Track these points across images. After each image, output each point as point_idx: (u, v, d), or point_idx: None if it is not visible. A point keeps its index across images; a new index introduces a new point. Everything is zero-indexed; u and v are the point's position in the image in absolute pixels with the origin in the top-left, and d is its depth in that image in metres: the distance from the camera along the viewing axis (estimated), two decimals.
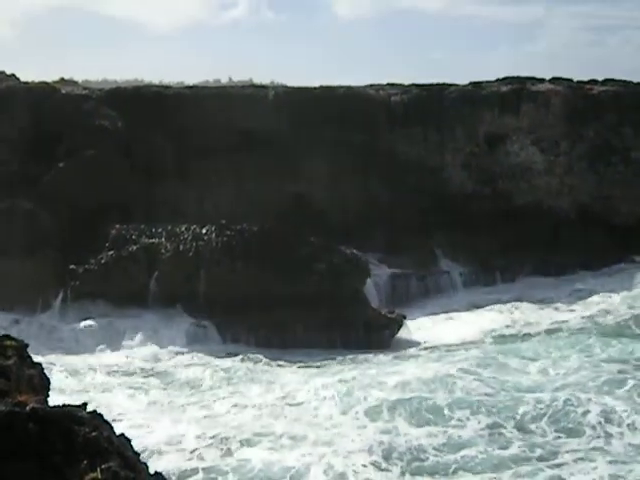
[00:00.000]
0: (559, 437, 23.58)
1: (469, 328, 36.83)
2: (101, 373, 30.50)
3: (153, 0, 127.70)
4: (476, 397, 26.20)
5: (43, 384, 10.64)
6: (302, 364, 32.07)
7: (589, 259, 45.93)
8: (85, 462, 7.97)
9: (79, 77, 51.43)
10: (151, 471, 9.17)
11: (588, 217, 48.06)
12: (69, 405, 9.34)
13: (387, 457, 22.07)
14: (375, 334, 35.53)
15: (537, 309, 39.75)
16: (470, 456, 22.16)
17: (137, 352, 33.08)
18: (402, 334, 35.97)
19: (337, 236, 40.76)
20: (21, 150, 42.18)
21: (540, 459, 22.13)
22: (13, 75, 47.72)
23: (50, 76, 49.92)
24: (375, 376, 28.82)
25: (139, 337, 34.01)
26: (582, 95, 50.66)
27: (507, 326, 37.49)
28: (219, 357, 32.52)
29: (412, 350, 34.28)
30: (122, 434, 9.18)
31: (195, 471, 21.58)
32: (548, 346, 32.89)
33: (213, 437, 23.76)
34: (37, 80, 48.13)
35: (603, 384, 27.33)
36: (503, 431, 23.97)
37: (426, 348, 34.40)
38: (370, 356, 33.08)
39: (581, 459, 22.04)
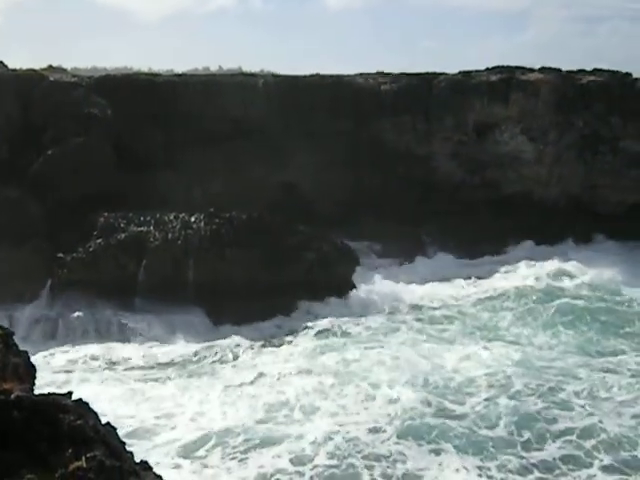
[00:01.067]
0: None
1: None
2: (101, 364, 30.36)
3: None
4: None
5: (29, 372, 10.61)
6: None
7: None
8: (70, 450, 7.97)
9: (68, 65, 51.05)
10: (136, 459, 9.19)
11: (577, 206, 48.17)
12: (54, 393, 9.34)
13: None
14: None
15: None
16: None
17: (130, 342, 32.84)
18: None
19: (325, 224, 40.85)
20: (9, 138, 41.95)
21: None
22: (1, 62, 47.43)
23: (39, 63, 49.66)
24: None
25: (129, 326, 33.79)
26: (571, 84, 50.71)
27: None
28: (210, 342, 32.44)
29: None
30: (108, 422, 9.18)
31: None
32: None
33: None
34: (25, 67, 47.86)
35: None
36: None
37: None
38: None
39: None
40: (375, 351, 30.23)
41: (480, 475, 20.81)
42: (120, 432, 9.53)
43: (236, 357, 30.99)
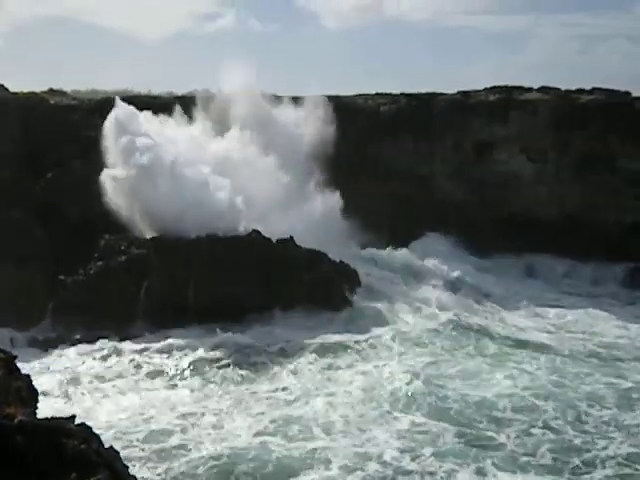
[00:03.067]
0: None
1: None
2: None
3: (140, 11, 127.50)
4: None
5: (31, 396, 10.65)
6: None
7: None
8: (74, 475, 8.00)
9: (68, 87, 51.22)
10: None
11: (576, 226, 48.18)
12: (57, 417, 9.38)
13: None
14: None
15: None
16: None
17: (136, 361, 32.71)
18: None
19: None
20: (11, 160, 42.09)
21: None
22: (2, 86, 47.60)
23: (39, 86, 49.88)
24: None
25: (131, 348, 33.65)
26: (570, 104, 50.84)
27: None
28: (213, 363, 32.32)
29: None
30: (111, 446, 9.22)
31: None
32: None
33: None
34: (26, 90, 48.05)
35: None
36: None
37: None
38: None
39: None
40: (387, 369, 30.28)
41: None
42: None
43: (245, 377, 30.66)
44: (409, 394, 27.29)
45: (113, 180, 40.35)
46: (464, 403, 26.62)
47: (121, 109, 43.63)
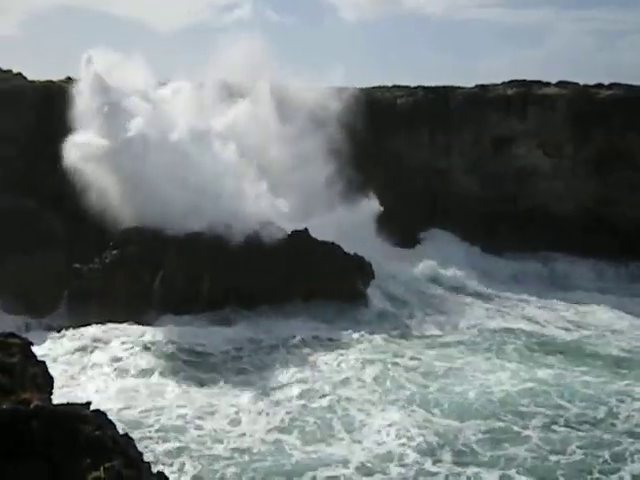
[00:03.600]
0: None
1: None
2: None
3: (158, 1, 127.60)
4: None
5: (47, 382, 10.65)
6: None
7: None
8: (88, 460, 7.98)
9: None
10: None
11: (593, 221, 47.93)
12: (73, 403, 9.36)
13: None
14: None
15: None
16: None
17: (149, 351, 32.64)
18: None
19: None
20: (27, 149, 42.13)
21: None
22: (20, 74, 47.69)
23: (57, 75, 49.80)
24: None
25: (147, 339, 33.60)
26: (588, 99, 50.55)
27: None
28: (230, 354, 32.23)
29: None
30: (125, 433, 9.20)
31: None
32: None
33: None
34: (43, 79, 48.09)
35: None
36: None
37: None
38: None
39: None
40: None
41: None
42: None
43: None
44: (429, 391, 27.22)
45: (86, 149, 37.87)
46: (487, 401, 26.44)
47: (102, 59, 40.99)
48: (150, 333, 32.72)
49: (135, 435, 21.70)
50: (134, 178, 37.22)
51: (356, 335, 33.81)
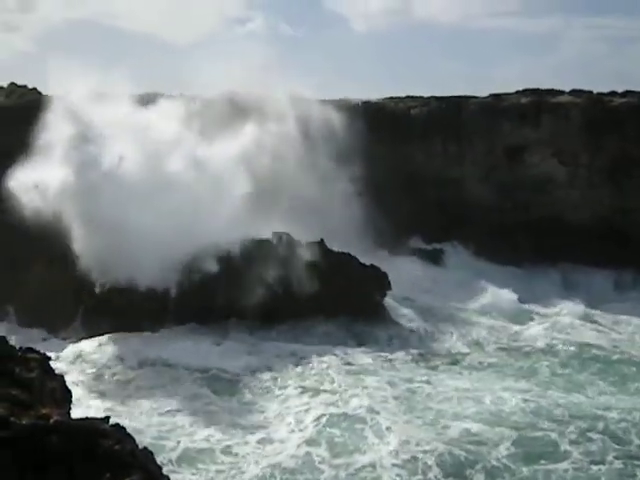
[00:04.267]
0: None
1: None
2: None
3: (170, 14, 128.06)
4: None
5: (65, 397, 10.68)
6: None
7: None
8: (108, 475, 7.98)
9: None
10: None
11: (608, 230, 47.72)
12: (92, 418, 9.38)
13: None
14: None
15: None
16: None
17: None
18: None
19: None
20: None
21: None
22: (35, 89, 47.99)
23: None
24: None
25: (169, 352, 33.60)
26: (602, 107, 50.43)
27: None
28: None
29: None
30: (145, 447, 9.20)
31: None
32: None
33: None
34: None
35: None
36: None
37: None
38: None
39: None
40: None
41: None
42: None
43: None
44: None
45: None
46: (521, 412, 26.48)
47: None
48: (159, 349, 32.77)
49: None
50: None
51: (377, 355, 33.65)
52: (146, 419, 25.76)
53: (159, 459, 21.86)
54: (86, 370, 30.90)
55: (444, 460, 22.49)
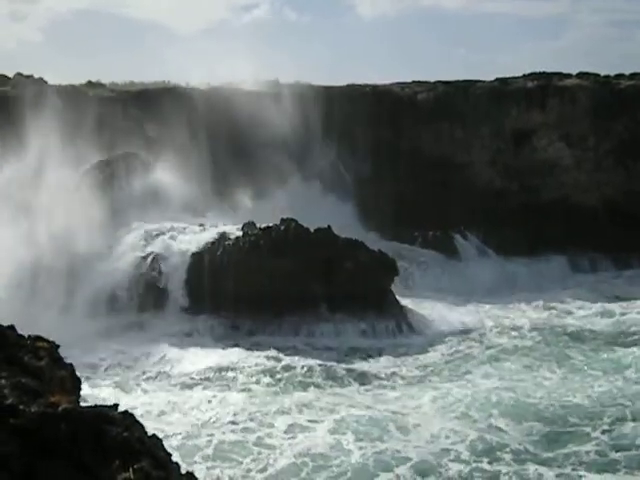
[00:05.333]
0: None
1: None
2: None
3: (176, 3, 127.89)
4: None
5: (74, 385, 10.71)
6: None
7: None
8: (117, 462, 8.02)
9: (106, 80, 51.53)
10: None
11: (616, 213, 47.63)
12: (101, 405, 9.42)
13: None
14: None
15: None
16: None
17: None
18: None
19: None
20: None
21: None
22: (41, 79, 48.02)
23: (77, 79, 50.20)
24: None
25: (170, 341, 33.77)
26: (609, 90, 50.31)
27: None
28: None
29: None
30: (154, 434, 9.23)
31: None
32: None
33: None
34: (65, 83, 48.41)
35: None
36: None
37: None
38: None
39: None
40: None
41: None
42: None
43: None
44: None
45: None
46: (551, 404, 26.42)
47: None
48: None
49: None
50: None
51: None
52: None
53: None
54: None
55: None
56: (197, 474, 9.70)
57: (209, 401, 26.87)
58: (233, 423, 24.79)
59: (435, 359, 32.10)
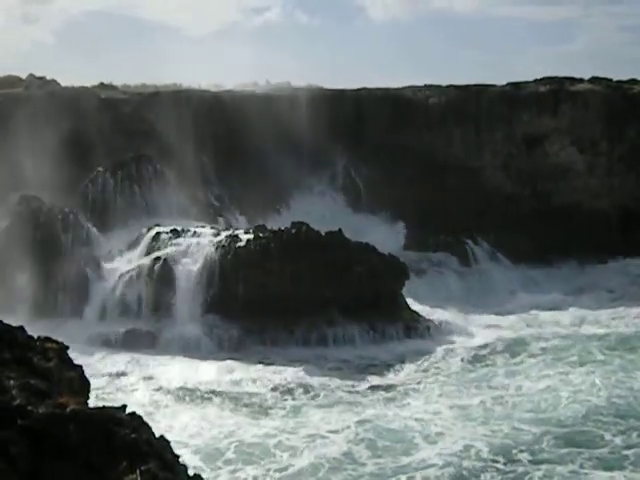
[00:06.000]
0: None
1: None
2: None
3: (187, 4, 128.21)
4: None
5: (83, 386, 10.72)
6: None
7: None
8: (124, 463, 8.02)
9: (118, 82, 51.71)
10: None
11: (628, 218, 47.46)
12: (109, 407, 9.43)
13: None
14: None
15: None
16: None
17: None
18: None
19: None
20: (61, 154, 42.46)
21: None
22: (54, 80, 48.21)
23: (90, 81, 50.38)
24: None
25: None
26: (621, 95, 50.14)
27: None
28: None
29: None
30: (161, 436, 9.23)
31: None
32: None
33: None
34: (77, 85, 48.62)
35: None
36: None
37: None
38: None
39: None
40: None
41: None
42: None
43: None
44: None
45: None
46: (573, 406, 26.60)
47: None
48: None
49: None
50: None
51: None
52: None
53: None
54: None
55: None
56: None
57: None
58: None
59: (451, 364, 32.15)
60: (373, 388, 29.59)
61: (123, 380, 30.22)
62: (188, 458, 23.16)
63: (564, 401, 26.90)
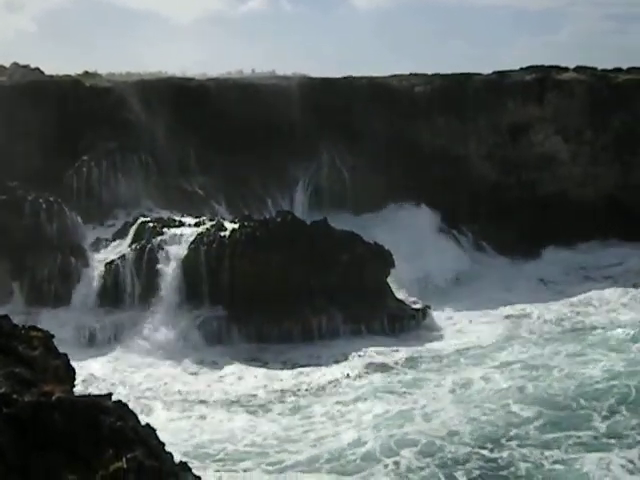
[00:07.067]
0: None
1: None
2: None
3: None
4: None
5: (68, 374, 10.71)
6: None
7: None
8: (110, 451, 8.03)
9: (102, 70, 51.48)
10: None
11: (613, 206, 47.64)
12: (94, 395, 9.43)
13: None
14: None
15: None
16: None
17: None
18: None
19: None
20: (45, 143, 42.26)
21: None
22: (37, 69, 47.94)
23: (74, 69, 50.14)
24: None
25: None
26: (606, 84, 50.24)
27: None
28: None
29: None
30: (147, 424, 9.23)
31: None
32: None
33: None
34: (61, 74, 48.33)
35: None
36: None
37: None
38: None
39: None
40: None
41: None
42: None
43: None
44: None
45: None
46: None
47: None
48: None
49: None
50: None
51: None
52: None
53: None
54: None
55: None
56: None
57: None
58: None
59: (447, 351, 32.58)
60: (358, 379, 29.69)
61: (108, 370, 30.26)
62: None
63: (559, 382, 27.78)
